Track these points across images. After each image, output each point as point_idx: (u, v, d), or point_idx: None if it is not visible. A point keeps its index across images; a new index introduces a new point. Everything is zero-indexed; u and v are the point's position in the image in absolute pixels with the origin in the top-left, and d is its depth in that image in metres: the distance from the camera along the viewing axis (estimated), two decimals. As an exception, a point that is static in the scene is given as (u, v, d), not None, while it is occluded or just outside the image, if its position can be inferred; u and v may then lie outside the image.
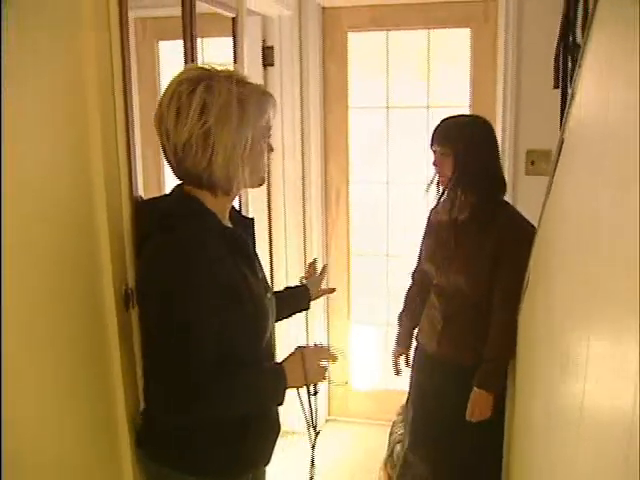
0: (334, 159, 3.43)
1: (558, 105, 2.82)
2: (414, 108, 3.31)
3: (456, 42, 3.19)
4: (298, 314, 1.90)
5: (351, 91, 3.35)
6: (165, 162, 1.43)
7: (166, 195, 1.50)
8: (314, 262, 2.01)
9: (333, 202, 3.47)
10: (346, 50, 3.29)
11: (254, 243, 1.60)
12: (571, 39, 1.89)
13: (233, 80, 1.34)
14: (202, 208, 1.41)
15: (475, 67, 3.13)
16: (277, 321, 1.64)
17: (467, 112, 3.14)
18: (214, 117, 1.30)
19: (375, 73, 3.33)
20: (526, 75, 2.95)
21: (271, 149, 1.47)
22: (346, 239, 3.52)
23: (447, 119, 2.20)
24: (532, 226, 2.07)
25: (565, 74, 2.06)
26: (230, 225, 1.51)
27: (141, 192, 1.57)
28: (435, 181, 2.24)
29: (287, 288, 1.93)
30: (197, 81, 1.32)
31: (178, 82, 1.34)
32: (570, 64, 1.90)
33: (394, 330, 2.56)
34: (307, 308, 1.91)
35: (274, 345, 1.60)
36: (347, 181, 3.45)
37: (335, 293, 2.12)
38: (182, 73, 1.37)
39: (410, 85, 3.30)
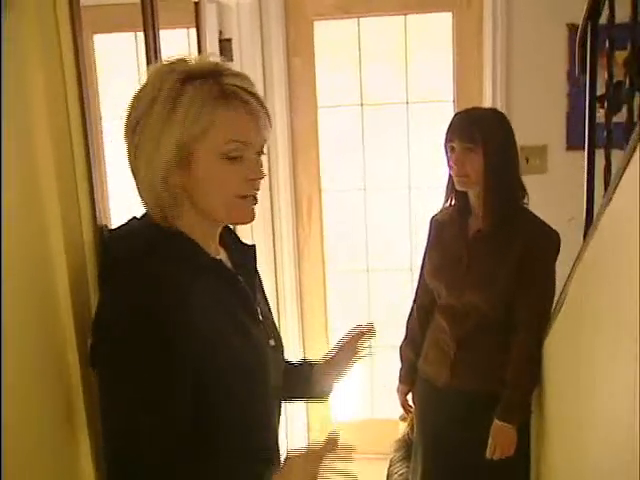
0: (303, 165, 3.28)
1: (562, 94, 2.74)
2: (391, 104, 3.19)
3: (436, 29, 3.09)
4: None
5: (320, 88, 3.21)
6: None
7: (135, 218, 1.26)
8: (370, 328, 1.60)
9: (304, 213, 3.33)
10: (312, 41, 3.16)
11: (254, 275, 1.35)
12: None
13: (175, 73, 1.14)
14: (177, 236, 1.19)
15: (458, 56, 3.03)
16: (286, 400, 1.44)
17: (451, 107, 3.06)
18: (140, 112, 1.14)
19: (346, 67, 3.19)
20: (516, 64, 2.86)
21: (255, 173, 1.18)
22: (320, 254, 3.38)
23: (465, 112, 2.10)
24: (556, 233, 1.99)
25: (594, 59, 1.86)
26: (219, 254, 1.28)
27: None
28: (449, 184, 2.11)
29: (306, 363, 1.60)
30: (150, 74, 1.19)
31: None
32: (607, 44, 1.69)
33: (378, 352, 2.39)
34: (325, 400, 1.61)
35: (278, 419, 1.37)
36: (319, 189, 3.32)
37: (310, 314, 1.82)
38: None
39: (386, 79, 3.17)
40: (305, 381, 1.51)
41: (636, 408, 1.14)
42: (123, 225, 1.30)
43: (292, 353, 3.20)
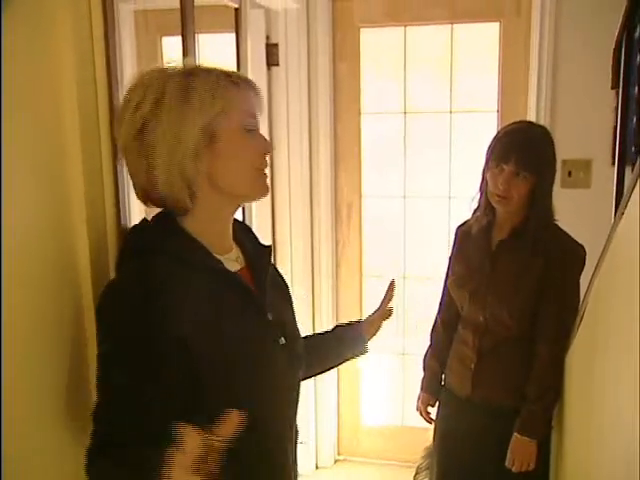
0: (345, 171, 3.33)
1: (609, 109, 2.74)
2: (435, 113, 3.22)
3: (483, 39, 3.09)
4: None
5: (364, 94, 3.26)
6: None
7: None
8: (392, 285, 1.77)
9: (344, 218, 3.38)
10: (359, 48, 3.20)
11: (267, 273, 1.38)
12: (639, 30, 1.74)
13: (178, 71, 1.21)
14: (177, 234, 1.24)
15: (505, 67, 3.03)
16: (327, 370, 1.53)
17: (495, 118, 3.08)
18: (148, 111, 1.17)
19: (391, 74, 3.24)
20: (563, 75, 2.87)
21: (265, 146, 1.27)
22: (359, 259, 3.42)
23: (519, 131, 2.06)
24: (582, 247, 2.00)
25: (628, 72, 1.90)
26: (230, 251, 1.33)
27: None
28: (480, 195, 2.12)
29: (338, 327, 1.73)
30: (144, 78, 1.21)
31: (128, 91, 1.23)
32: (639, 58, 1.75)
33: (410, 359, 2.42)
34: (363, 352, 1.73)
35: (294, 405, 1.40)
36: (360, 195, 3.36)
37: (346, 319, 1.90)
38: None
39: (430, 88, 3.21)
40: (339, 342, 1.65)
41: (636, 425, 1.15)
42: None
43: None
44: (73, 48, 1.23)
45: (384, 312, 1.76)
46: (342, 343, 1.67)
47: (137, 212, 1.41)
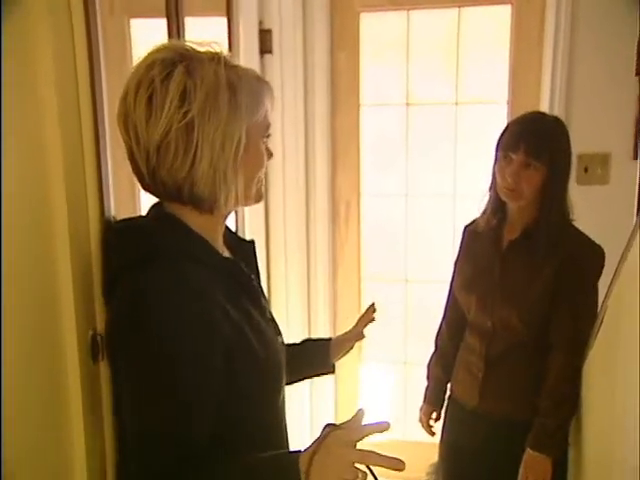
0: (343, 167, 3.31)
1: (631, 98, 2.69)
2: (440, 105, 3.18)
3: (493, 23, 3.05)
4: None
5: (364, 85, 3.22)
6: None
7: (141, 216, 1.35)
8: (373, 308, 1.82)
9: (342, 218, 3.36)
10: (358, 35, 3.16)
11: (257, 272, 1.45)
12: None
13: (221, 61, 1.20)
14: (189, 234, 1.26)
15: (516, 54, 2.99)
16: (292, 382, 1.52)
17: (504, 109, 3.04)
18: (198, 106, 1.15)
19: (393, 63, 3.20)
20: (580, 62, 2.81)
21: (270, 154, 1.32)
22: (357, 262, 3.40)
23: (529, 120, 2.06)
24: (600, 248, 1.98)
25: None
26: (225, 252, 1.36)
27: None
28: (493, 193, 2.09)
29: (307, 340, 1.76)
30: (173, 62, 1.16)
31: (148, 65, 1.17)
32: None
33: (413, 369, 2.39)
34: (330, 372, 1.74)
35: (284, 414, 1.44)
36: (358, 193, 3.34)
37: (343, 322, 1.95)
38: (152, 53, 1.20)
39: (435, 77, 3.18)
40: (302, 357, 1.64)
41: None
42: (130, 221, 1.36)
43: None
44: (52, 36, 1.21)
45: (357, 334, 1.79)
46: (306, 359, 1.68)
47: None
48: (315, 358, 1.70)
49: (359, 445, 1.13)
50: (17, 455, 1.16)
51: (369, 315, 1.78)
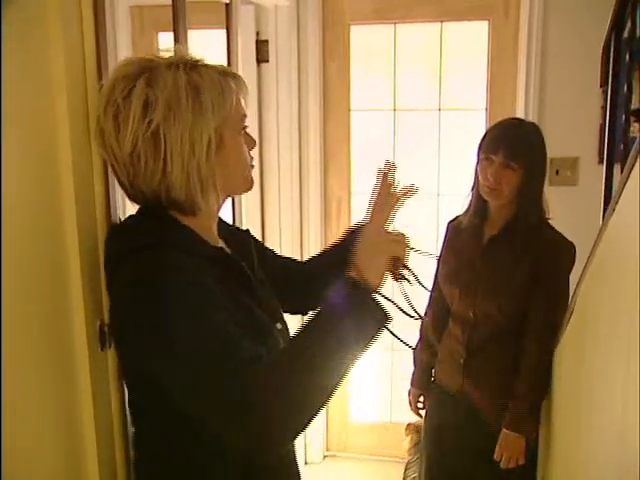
0: (335, 167, 3.29)
1: (596, 107, 2.71)
2: (424, 111, 3.18)
3: (472, 37, 3.06)
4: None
5: (354, 92, 3.22)
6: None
7: (131, 215, 1.28)
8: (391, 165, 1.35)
9: (334, 215, 3.34)
10: (349, 45, 3.16)
11: (252, 260, 1.36)
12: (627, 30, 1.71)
13: (180, 65, 1.13)
14: (176, 226, 1.20)
15: (493, 65, 3.01)
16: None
17: (483, 115, 3.05)
18: (160, 113, 1.09)
19: (381, 71, 3.21)
20: (551, 75, 2.85)
21: (252, 143, 1.25)
22: None
23: (509, 125, 2.07)
24: (572, 244, 1.99)
25: (616, 70, 1.87)
26: (220, 243, 1.30)
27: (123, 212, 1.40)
28: (475, 192, 2.09)
29: (331, 247, 1.56)
30: (135, 77, 1.12)
31: (111, 86, 1.13)
32: (628, 58, 1.72)
33: (399, 355, 2.39)
34: None
35: None
36: (349, 191, 3.32)
37: None
38: (116, 70, 1.16)
39: (420, 85, 3.17)
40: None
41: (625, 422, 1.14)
42: (121, 223, 1.33)
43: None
44: (63, 47, 1.19)
45: (396, 196, 1.40)
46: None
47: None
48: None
49: None
50: (30, 438, 1.16)
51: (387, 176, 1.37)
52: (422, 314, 1.24)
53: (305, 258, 3.22)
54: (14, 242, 1.09)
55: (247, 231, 1.42)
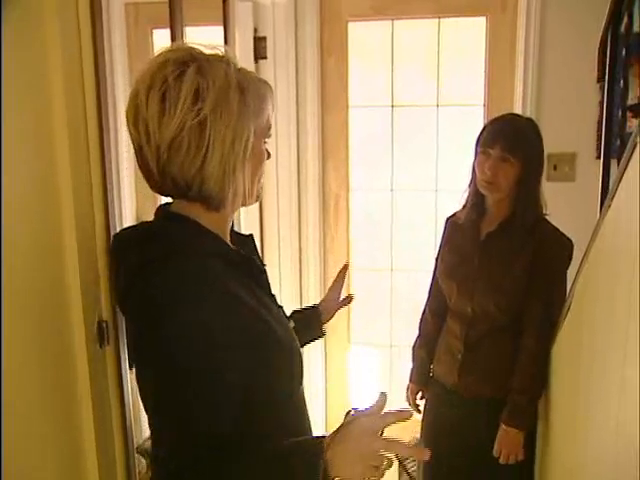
0: (333, 163, 3.28)
1: (593, 103, 2.71)
2: (422, 107, 3.17)
3: (470, 33, 3.04)
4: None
5: (352, 88, 3.21)
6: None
7: (147, 222, 1.27)
8: (346, 268, 1.75)
9: (332, 211, 3.33)
10: (346, 42, 3.15)
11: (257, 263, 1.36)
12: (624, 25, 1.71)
13: (230, 63, 1.14)
14: (200, 230, 1.19)
15: (491, 61, 2.99)
16: None
17: (481, 111, 3.04)
18: (211, 104, 1.09)
19: (379, 68, 3.18)
20: (548, 70, 2.84)
21: (269, 155, 1.26)
22: (346, 252, 3.38)
23: (506, 120, 2.06)
24: (570, 241, 1.98)
25: (613, 66, 1.87)
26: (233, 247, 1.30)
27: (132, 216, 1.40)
28: (472, 186, 2.08)
29: (295, 312, 1.65)
30: (185, 62, 1.11)
31: (161, 63, 1.11)
32: (624, 53, 1.72)
33: (398, 352, 2.38)
34: (321, 335, 1.67)
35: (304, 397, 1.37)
36: (347, 188, 3.31)
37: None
38: (164, 53, 1.14)
39: (418, 81, 3.15)
40: (306, 325, 1.59)
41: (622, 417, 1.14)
42: (135, 227, 1.28)
43: (312, 347, 3.25)
44: (60, 44, 1.21)
45: (345, 299, 1.72)
46: (301, 328, 1.51)
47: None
48: (309, 326, 1.62)
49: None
50: (29, 435, 1.16)
51: (342, 279, 1.74)
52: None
53: (303, 254, 3.25)
54: (13, 241, 1.09)
55: (250, 235, 1.41)
